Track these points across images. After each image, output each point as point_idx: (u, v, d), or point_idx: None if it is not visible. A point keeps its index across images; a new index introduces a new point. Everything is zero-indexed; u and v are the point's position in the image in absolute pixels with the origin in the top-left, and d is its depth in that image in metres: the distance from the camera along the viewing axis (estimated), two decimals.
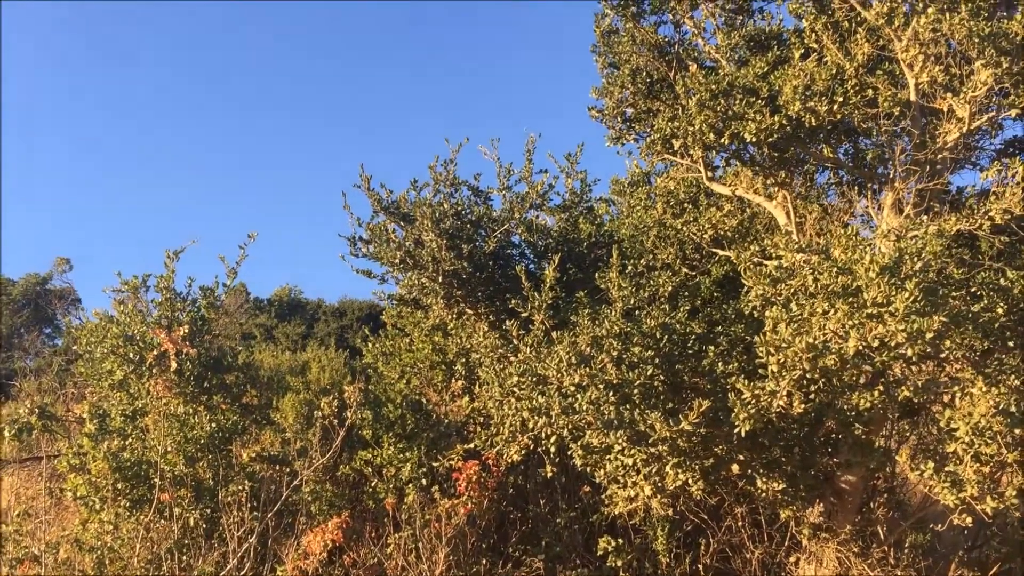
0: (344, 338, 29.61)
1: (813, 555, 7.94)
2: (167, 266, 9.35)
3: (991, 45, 6.43)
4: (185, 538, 7.93)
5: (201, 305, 9.51)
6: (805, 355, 5.77)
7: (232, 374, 9.57)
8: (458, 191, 9.88)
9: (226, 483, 8.36)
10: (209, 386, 9.23)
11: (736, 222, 9.15)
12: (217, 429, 8.74)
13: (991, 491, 5.99)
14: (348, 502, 9.32)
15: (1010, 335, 6.22)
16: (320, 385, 12.70)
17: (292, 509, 8.66)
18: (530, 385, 7.04)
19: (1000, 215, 6.82)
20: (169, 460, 8.32)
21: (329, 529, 7.46)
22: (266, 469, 8.99)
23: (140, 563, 7.56)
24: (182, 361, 8.89)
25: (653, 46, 8.65)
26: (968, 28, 6.40)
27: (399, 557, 8.01)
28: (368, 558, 8.20)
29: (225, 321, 10.54)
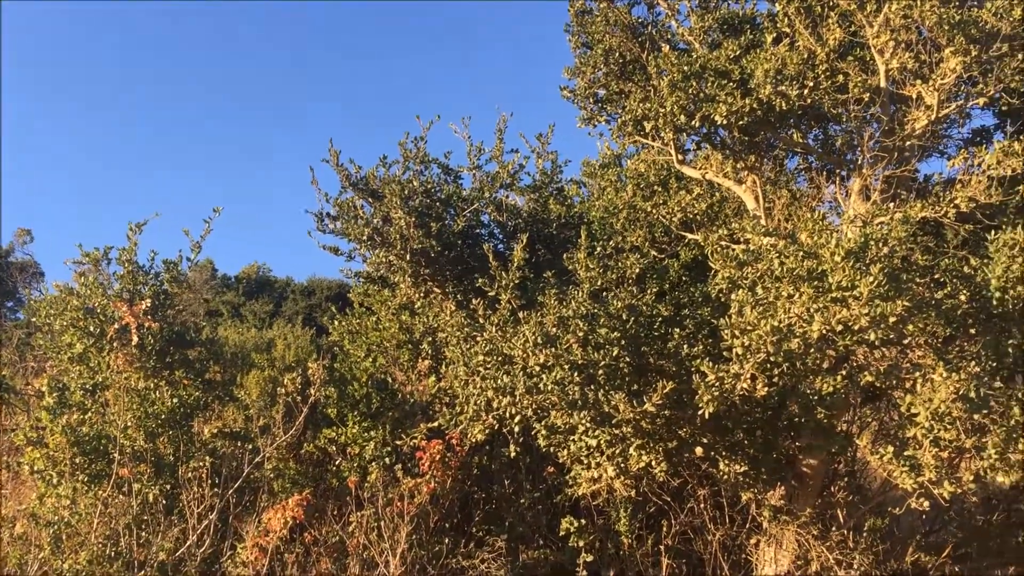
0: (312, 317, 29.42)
1: (773, 537, 8.00)
2: (130, 239, 9.20)
3: (961, 33, 6.45)
4: (144, 514, 7.83)
5: (164, 279, 9.37)
6: (770, 338, 5.78)
7: (195, 349, 9.46)
8: (428, 169, 9.82)
9: (187, 459, 8.27)
10: (171, 361, 9.12)
11: (705, 206, 9.14)
12: (179, 404, 8.63)
13: (949, 476, 6.05)
14: (311, 480, 9.27)
15: (972, 322, 6.27)
16: (285, 362, 12.60)
17: (254, 486, 8.59)
18: (495, 364, 7.01)
19: (965, 203, 6.86)
20: (129, 435, 8.21)
21: (290, 506, 7.40)
22: (228, 446, 8.90)
23: (98, 538, 7.46)
24: (144, 335, 8.76)
25: (626, 27, 8.59)
26: (939, 15, 6.41)
27: (361, 535, 7.97)
28: (330, 536, 8.16)
29: (189, 296, 10.39)
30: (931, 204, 7.00)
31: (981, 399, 5.77)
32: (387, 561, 7.74)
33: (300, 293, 35.14)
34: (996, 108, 8.08)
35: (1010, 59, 6.73)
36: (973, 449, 6.08)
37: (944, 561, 8.16)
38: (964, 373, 5.91)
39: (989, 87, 6.90)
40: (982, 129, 8.63)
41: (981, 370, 5.94)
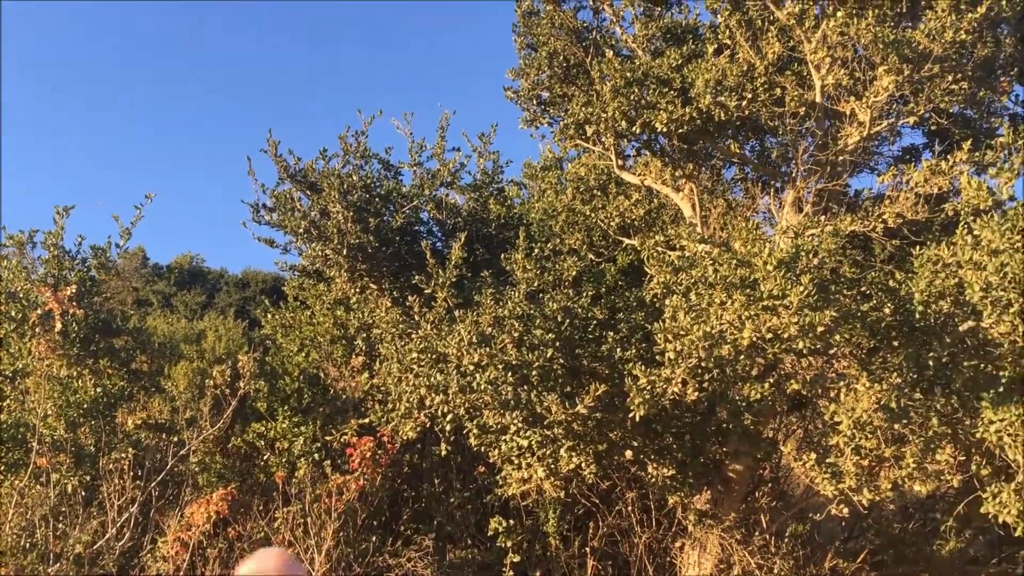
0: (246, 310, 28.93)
1: (698, 541, 8.11)
2: (56, 222, 8.92)
3: (895, 52, 6.62)
4: (62, 505, 7.62)
5: (91, 265, 9.11)
6: (702, 344, 5.86)
7: (121, 338, 9.22)
8: (368, 164, 9.74)
9: (108, 450, 8.06)
10: (96, 349, 8.88)
11: (643, 212, 9.25)
12: (102, 394, 8.41)
13: (868, 484, 6.21)
14: (238, 475, 9.11)
15: (895, 335, 6.43)
16: (215, 354, 12.37)
17: (178, 479, 8.42)
18: (429, 362, 6.99)
19: (893, 219, 7.06)
20: (49, 424, 7.97)
21: (214, 500, 7.26)
22: (152, 437, 8.71)
23: (12, 530, 7.23)
24: (68, 322, 8.52)
25: (571, 30, 8.65)
26: (874, 34, 6.57)
27: (287, 532, 7.86)
28: (254, 532, 8.03)
29: (117, 284, 10.14)
30: (860, 218, 7.19)
31: (901, 410, 5.93)
32: (312, 558, 7.65)
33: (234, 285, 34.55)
34: (926, 127, 8.34)
35: (940, 80, 6.93)
36: (892, 458, 6.25)
37: (861, 567, 8.37)
38: (886, 384, 6.07)
39: (919, 107, 7.11)
40: (912, 147, 8.89)
41: (902, 381, 6.11)
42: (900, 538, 8.57)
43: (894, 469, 6.37)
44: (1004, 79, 7.70)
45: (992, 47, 7.09)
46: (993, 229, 5.72)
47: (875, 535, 8.73)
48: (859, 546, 8.88)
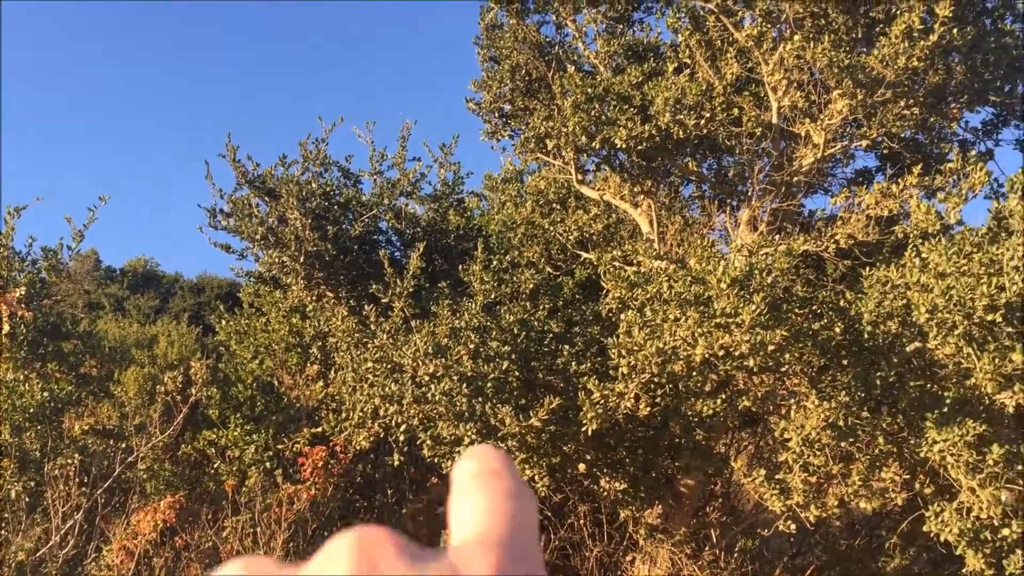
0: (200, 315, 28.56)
1: (648, 555, 8.16)
2: (7, 223, 8.75)
3: (849, 77, 6.76)
4: (4, 511, 7.45)
5: (42, 267, 8.95)
6: (655, 359, 5.91)
7: (71, 342, 9.05)
8: (328, 171, 9.68)
9: (54, 456, 7.90)
10: (44, 353, 8.70)
11: (602, 226, 9.31)
12: (49, 399, 8.24)
13: (815, 501, 6.30)
14: (188, 482, 8.99)
15: (845, 354, 6.55)
16: (168, 360, 12.20)
17: (125, 487, 8.28)
18: (384, 372, 6.97)
19: (845, 240, 7.19)
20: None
21: (160, 508, 7.15)
22: (100, 444, 8.55)
23: None
24: (15, 324, 8.35)
25: (534, 45, 8.71)
26: (829, 58, 6.70)
27: (235, 541, 7.76)
28: (202, 541, 7.92)
29: (69, 286, 9.96)
30: (814, 238, 7.31)
31: (849, 428, 6.03)
32: None
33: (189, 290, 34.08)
34: (878, 151, 8.51)
35: (893, 105, 7.09)
36: (839, 475, 6.35)
37: None
38: (835, 402, 6.18)
39: (872, 130, 7.26)
40: (864, 170, 9.07)
41: (850, 400, 6.21)
42: (847, 554, 8.69)
43: (841, 486, 6.48)
44: (954, 106, 7.89)
45: (943, 74, 7.27)
46: (940, 253, 5.85)
47: (822, 551, 8.84)
48: (807, 562, 8.99)
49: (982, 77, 7.66)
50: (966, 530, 5.56)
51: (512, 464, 0.80)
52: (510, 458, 0.97)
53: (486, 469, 0.59)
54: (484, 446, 0.65)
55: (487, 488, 0.56)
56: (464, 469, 0.60)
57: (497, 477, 0.58)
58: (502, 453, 0.86)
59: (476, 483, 0.57)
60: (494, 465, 0.59)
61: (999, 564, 5.58)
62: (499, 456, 0.75)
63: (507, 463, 0.69)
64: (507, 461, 0.73)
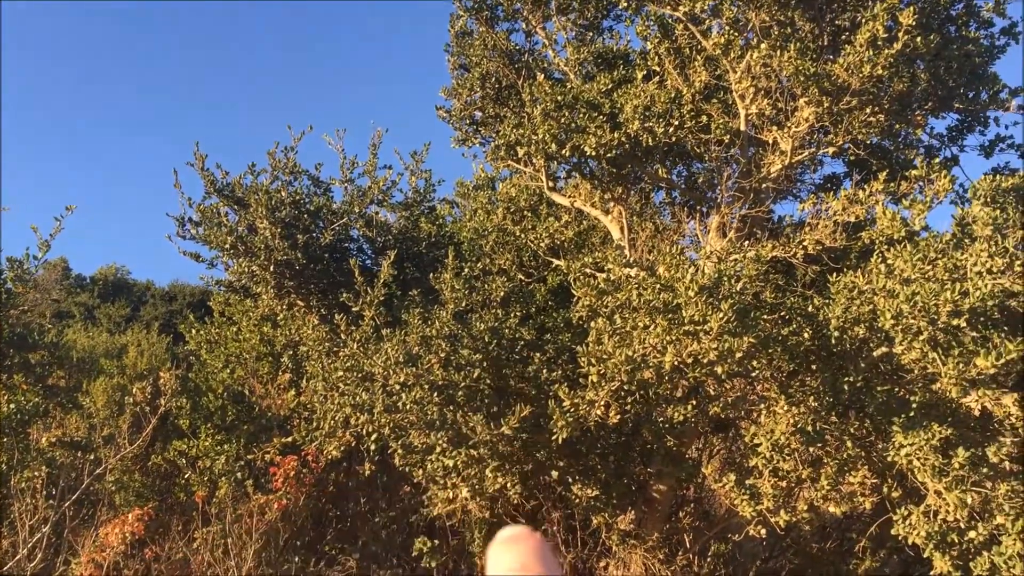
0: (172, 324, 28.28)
1: (622, 560, 8.17)
2: None
3: (815, 85, 6.83)
4: None
5: (8, 277, 8.85)
6: (624, 367, 5.93)
7: (38, 353, 8.95)
8: (298, 180, 9.63)
9: (21, 468, 7.81)
10: (10, 364, 8.60)
11: (573, 233, 9.34)
12: (15, 410, 8.15)
13: (785, 505, 6.35)
14: (157, 494, 8.92)
15: (814, 359, 6.60)
16: (137, 370, 12.08)
17: (93, 499, 8.20)
18: (355, 381, 6.94)
19: (813, 245, 7.25)
20: None
21: (129, 521, 7.09)
22: (68, 456, 8.46)
23: None
24: None
25: (504, 52, 8.72)
26: (795, 66, 6.76)
27: (206, 552, 7.71)
28: (173, 552, 7.85)
29: (36, 296, 9.84)
30: (782, 244, 7.37)
31: (817, 433, 6.08)
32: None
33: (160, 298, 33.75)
34: (845, 157, 8.59)
35: (859, 112, 7.16)
36: (809, 480, 6.40)
37: None
38: (804, 407, 6.24)
39: (839, 137, 7.33)
40: (832, 176, 9.15)
41: (819, 405, 6.27)
42: (818, 557, 8.76)
43: (811, 490, 6.53)
44: (919, 113, 7.99)
45: (908, 82, 7.35)
46: (905, 259, 5.92)
47: (794, 555, 8.90)
48: (779, 565, 9.04)
49: (946, 84, 7.76)
50: (933, 533, 5.62)
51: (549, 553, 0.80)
52: (546, 544, 0.96)
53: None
54: (524, 532, 0.65)
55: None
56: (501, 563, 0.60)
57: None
58: (539, 541, 0.84)
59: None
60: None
61: (966, 566, 5.64)
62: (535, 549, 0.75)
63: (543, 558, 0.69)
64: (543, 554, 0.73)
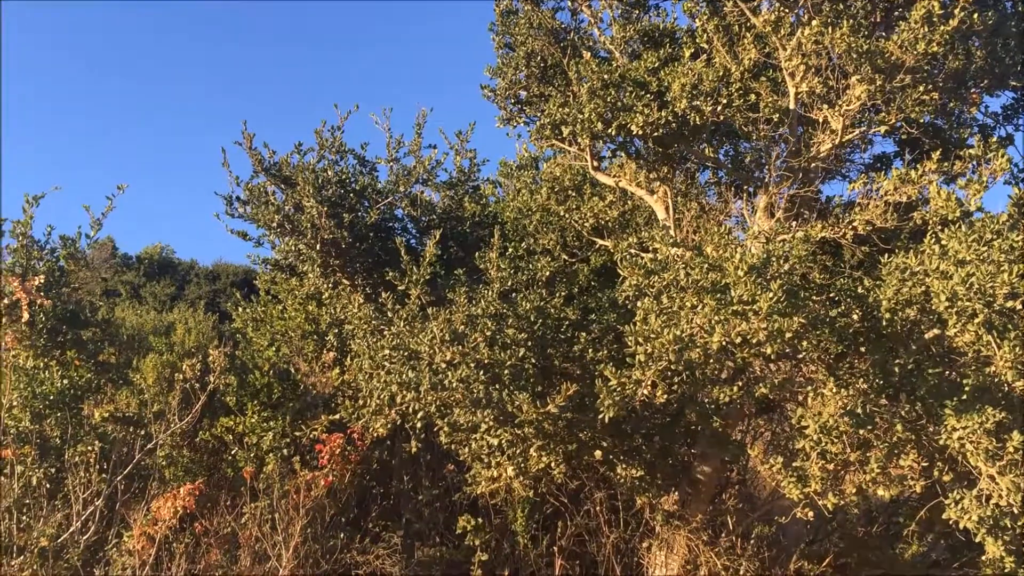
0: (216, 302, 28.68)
1: (665, 541, 8.17)
2: (25, 211, 8.81)
3: (867, 62, 6.70)
4: (26, 497, 7.53)
5: (60, 255, 9.01)
6: (672, 347, 5.90)
7: (89, 330, 9.12)
8: (344, 159, 9.69)
9: (75, 442, 7.97)
10: (63, 340, 8.77)
11: (617, 213, 9.29)
12: (69, 386, 8.31)
13: (833, 488, 6.29)
14: (205, 469, 9.05)
15: (863, 341, 6.52)
16: (185, 347, 12.26)
17: (144, 473, 8.35)
18: (401, 359, 6.98)
19: (863, 226, 7.15)
20: (14, 415, 7.88)
21: (181, 495, 7.21)
22: (119, 430, 8.62)
23: None
24: (35, 312, 8.41)
25: (550, 31, 8.66)
26: (848, 43, 6.64)
27: (254, 527, 7.82)
28: (222, 527, 7.98)
29: (87, 274, 10.02)
30: (831, 225, 7.27)
31: (867, 415, 6.01)
32: (279, 554, 7.62)
33: (205, 277, 34.20)
34: (896, 136, 8.44)
35: (911, 90, 7.02)
36: (857, 463, 6.33)
37: (825, 570, 8.46)
38: (853, 389, 6.16)
39: (891, 116, 7.19)
40: (883, 156, 8.99)
41: (868, 387, 6.19)
42: (864, 541, 8.68)
43: (859, 473, 6.47)
44: (974, 91, 7.81)
45: (963, 59, 7.19)
46: (960, 240, 5.81)
47: (839, 538, 8.82)
48: (824, 549, 8.97)
49: (1003, 62, 7.58)
50: (986, 517, 5.54)
51: None
52: None
53: None
54: None
55: None
56: None
57: None
58: None
59: None
60: None
61: (1020, 551, 5.56)
62: None
63: None
64: None
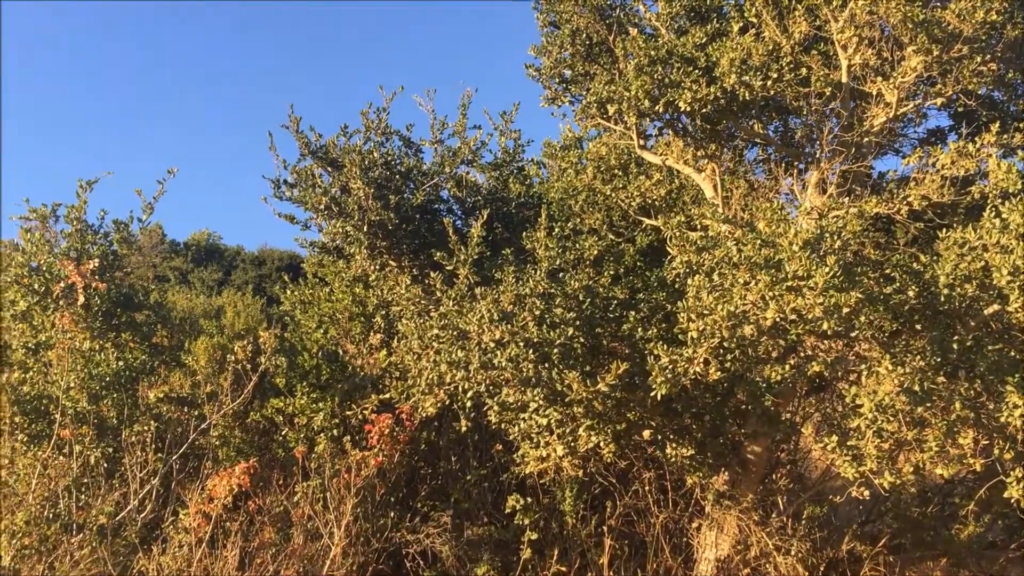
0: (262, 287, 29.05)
1: (715, 522, 8.13)
2: (79, 196, 8.98)
3: (924, 32, 6.55)
4: (84, 476, 7.69)
5: (114, 239, 9.17)
6: (725, 323, 5.84)
7: (143, 312, 9.29)
8: (389, 140, 9.72)
9: (131, 422, 8.13)
10: (118, 323, 8.94)
11: (664, 192, 9.20)
12: (124, 367, 8.47)
13: (889, 467, 6.19)
14: (256, 449, 9.18)
15: (918, 318, 6.40)
16: (234, 330, 12.43)
17: (198, 453, 8.49)
18: (450, 339, 7.00)
19: (919, 201, 7.00)
20: (71, 396, 8.04)
21: (236, 473, 7.31)
22: (173, 411, 8.77)
23: (36, 499, 7.30)
24: (90, 296, 8.58)
25: (595, 8, 8.57)
26: (903, 13, 6.49)
27: (306, 506, 7.91)
28: (274, 505, 8.09)
29: (138, 259, 10.19)
30: (885, 200, 7.13)
31: (924, 393, 5.90)
32: (331, 532, 7.71)
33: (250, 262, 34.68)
34: (952, 109, 8.25)
35: (969, 61, 6.85)
36: (914, 442, 6.23)
37: (879, 551, 8.36)
38: (909, 367, 6.05)
39: (948, 88, 7.03)
40: (937, 129, 8.80)
41: (926, 365, 6.07)
42: (919, 522, 8.55)
43: (915, 452, 6.36)
44: None
45: (1022, 28, 7.00)
46: (1022, 213, 5.67)
47: (893, 519, 8.71)
48: (876, 530, 8.87)
49: None
50: None
51: None
52: None
53: None
54: None
55: None
56: None
57: None
58: None
59: None
60: None
61: None
62: None
63: None
64: None
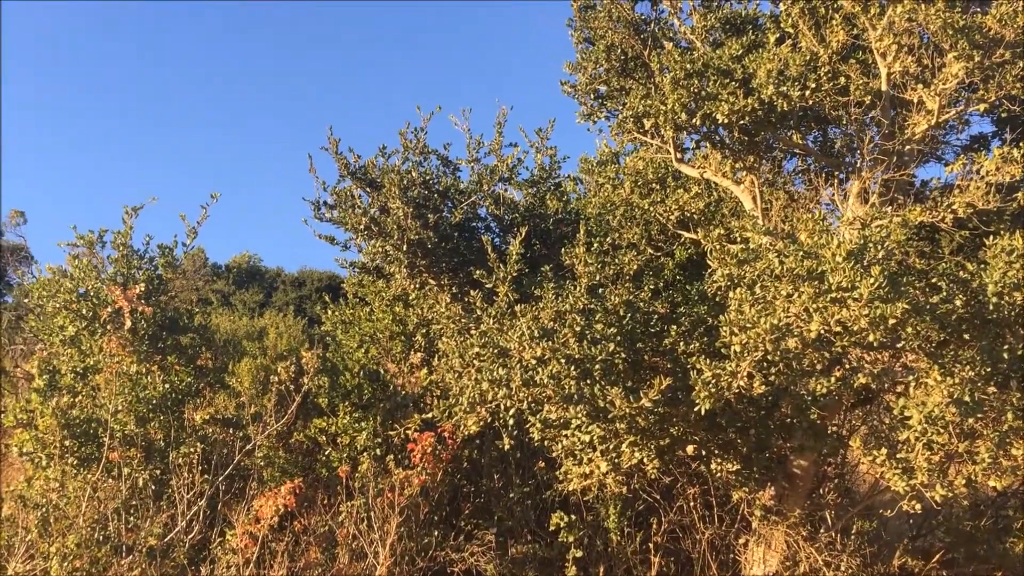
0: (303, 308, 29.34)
1: (762, 537, 8.02)
2: (125, 222, 9.15)
3: (964, 38, 6.47)
4: (133, 498, 7.80)
5: (159, 264, 9.33)
6: (768, 336, 5.79)
7: (187, 335, 9.42)
8: (427, 160, 9.79)
9: (177, 444, 8.23)
10: (163, 346, 9.08)
11: (703, 205, 9.15)
12: (170, 390, 8.60)
13: (941, 480, 6.07)
14: (301, 469, 9.24)
15: (966, 327, 6.28)
16: (277, 351, 12.55)
17: (244, 474, 8.56)
18: (491, 357, 7.00)
19: (963, 208, 6.90)
20: (119, 419, 8.17)
21: (282, 494, 7.37)
22: (219, 432, 8.87)
23: (86, 522, 7.41)
24: (136, 319, 8.72)
25: (629, 23, 8.59)
26: (943, 19, 6.42)
27: (351, 525, 7.95)
28: (319, 525, 8.13)
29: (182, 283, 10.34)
30: (929, 208, 7.03)
31: (975, 404, 5.79)
32: (376, 552, 7.73)
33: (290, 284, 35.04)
34: (995, 115, 8.13)
35: (1011, 66, 6.76)
36: (965, 454, 6.11)
37: (932, 566, 8.19)
38: (958, 377, 5.94)
39: (990, 93, 6.93)
40: (980, 136, 8.67)
41: (976, 375, 5.96)
42: (971, 536, 8.37)
43: (966, 464, 6.23)
44: None
45: None
46: None
47: (945, 533, 8.53)
48: (928, 544, 8.69)
49: None
50: None
51: None
52: None
53: None
54: None
55: None
56: None
57: None
58: None
59: None
60: None
61: None
62: None
63: None
64: None
